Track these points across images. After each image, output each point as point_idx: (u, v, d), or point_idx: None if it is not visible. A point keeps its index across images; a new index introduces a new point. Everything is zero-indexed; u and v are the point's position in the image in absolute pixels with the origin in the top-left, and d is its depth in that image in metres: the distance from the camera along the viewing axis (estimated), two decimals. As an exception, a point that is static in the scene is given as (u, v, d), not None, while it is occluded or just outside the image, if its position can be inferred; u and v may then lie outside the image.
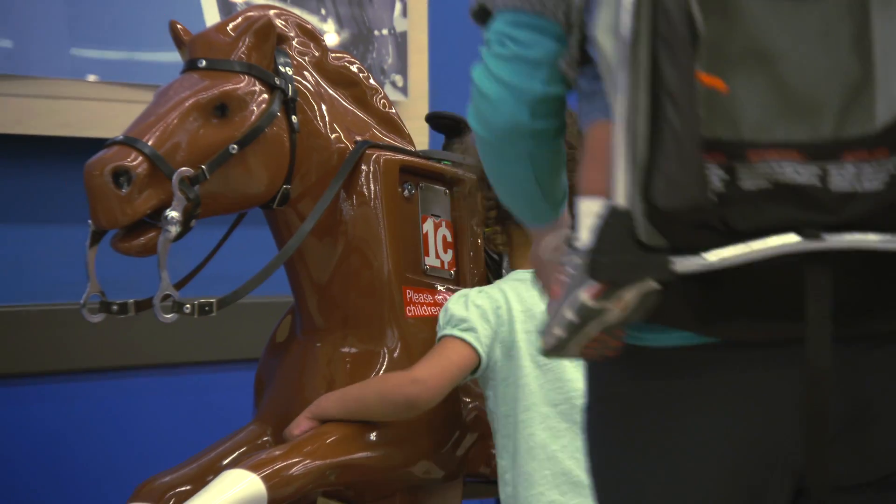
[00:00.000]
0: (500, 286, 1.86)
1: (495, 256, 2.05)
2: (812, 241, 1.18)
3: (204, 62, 1.78)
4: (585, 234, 1.21)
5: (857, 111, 1.18)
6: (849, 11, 1.17)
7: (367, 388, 1.83)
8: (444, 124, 2.17)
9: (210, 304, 1.75)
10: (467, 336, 1.80)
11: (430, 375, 1.79)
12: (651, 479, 1.32)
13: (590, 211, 1.22)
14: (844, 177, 1.18)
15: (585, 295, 1.18)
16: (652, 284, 1.18)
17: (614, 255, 1.17)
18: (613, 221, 1.16)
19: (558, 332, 1.23)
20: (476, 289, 1.87)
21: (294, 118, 1.81)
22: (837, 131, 1.17)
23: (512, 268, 1.93)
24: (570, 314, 1.21)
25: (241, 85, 1.77)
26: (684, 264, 1.16)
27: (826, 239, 1.18)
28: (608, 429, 1.35)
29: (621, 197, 1.15)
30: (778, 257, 1.17)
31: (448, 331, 1.81)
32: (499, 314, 1.82)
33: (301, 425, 1.79)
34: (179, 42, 1.85)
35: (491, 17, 1.36)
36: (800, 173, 1.17)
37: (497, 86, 1.33)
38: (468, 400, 1.93)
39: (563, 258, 1.27)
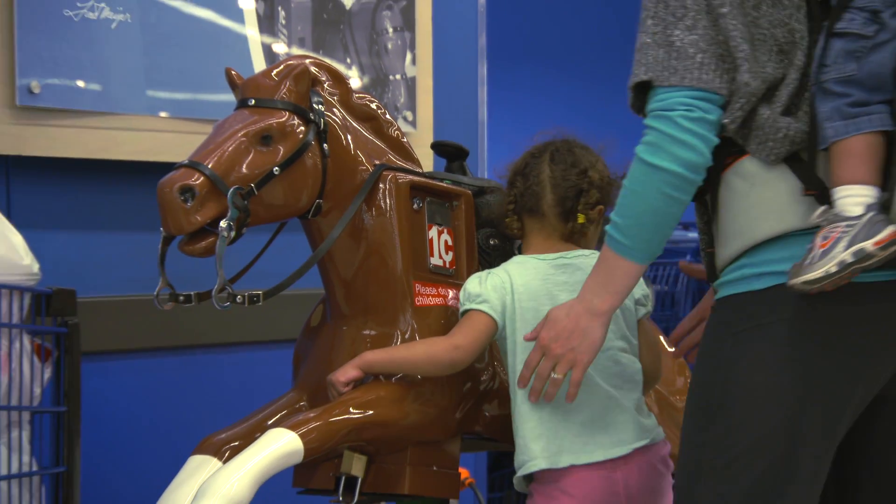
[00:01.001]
0: (505, 268, 1.87)
1: (486, 256, 2.05)
2: None
3: (253, 101, 1.79)
4: (857, 209, 1.43)
5: None
6: None
7: (416, 350, 1.83)
8: (446, 151, 2.17)
9: (258, 295, 1.75)
10: (484, 307, 1.81)
11: (467, 342, 1.80)
12: (846, 367, 1.51)
13: (858, 192, 1.44)
14: None
15: (871, 244, 1.40)
16: None
17: None
18: None
19: (832, 269, 1.41)
20: (486, 271, 1.88)
21: (325, 146, 1.81)
22: None
23: (524, 248, 1.92)
24: (850, 257, 1.40)
25: (283, 119, 1.76)
26: None
27: None
28: (802, 327, 1.51)
29: None
30: None
31: (469, 305, 1.82)
32: (504, 288, 1.83)
33: (348, 373, 1.78)
34: (233, 85, 1.85)
35: (651, 89, 1.54)
36: None
37: (692, 136, 1.51)
38: (464, 372, 1.92)
39: (832, 222, 1.44)
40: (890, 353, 1.52)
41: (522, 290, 1.83)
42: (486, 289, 1.82)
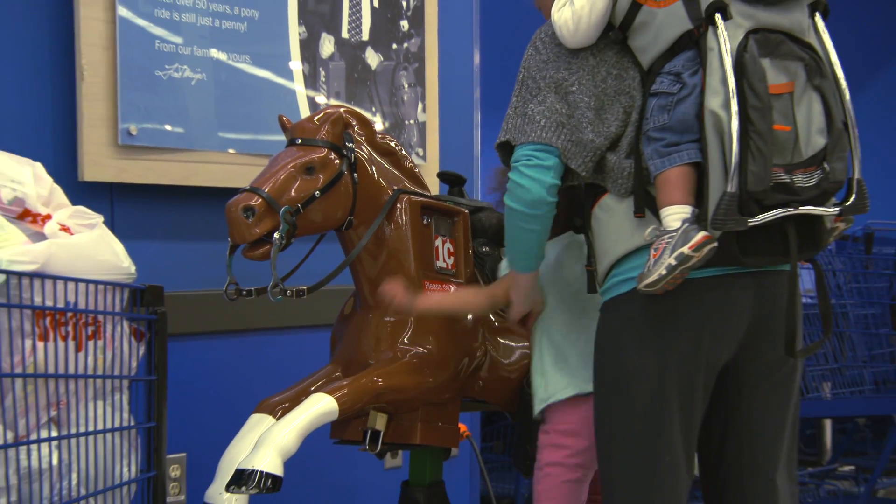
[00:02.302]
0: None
1: (480, 260, 2.04)
2: (796, 210, 1.46)
3: (300, 140, 1.78)
4: (676, 223, 1.45)
5: (799, 150, 1.46)
6: (799, 108, 1.47)
7: (465, 297, 1.87)
8: (449, 179, 2.16)
9: (303, 290, 1.75)
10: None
11: (501, 293, 1.82)
12: (686, 341, 1.53)
13: (677, 211, 1.46)
14: (801, 179, 1.46)
15: (687, 248, 1.41)
16: (715, 243, 1.42)
17: (726, 217, 1.41)
18: (728, 201, 1.41)
19: (662, 272, 1.43)
20: None
21: (355, 175, 1.80)
22: (794, 159, 1.46)
23: None
24: (673, 261, 1.42)
25: (323, 154, 1.76)
26: (749, 222, 1.42)
27: (800, 209, 1.46)
28: (655, 318, 1.53)
29: (732, 187, 1.40)
30: (776, 219, 1.45)
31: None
32: None
33: (409, 307, 1.78)
34: (284, 128, 1.84)
35: (513, 148, 1.60)
36: (783, 178, 1.44)
37: (529, 180, 1.56)
38: (462, 348, 1.91)
39: (659, 236, 1.46)
40: (723, 330, 1.54)
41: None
42: None
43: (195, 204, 2.30)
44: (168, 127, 2.22)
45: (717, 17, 1.43)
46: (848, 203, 1.50)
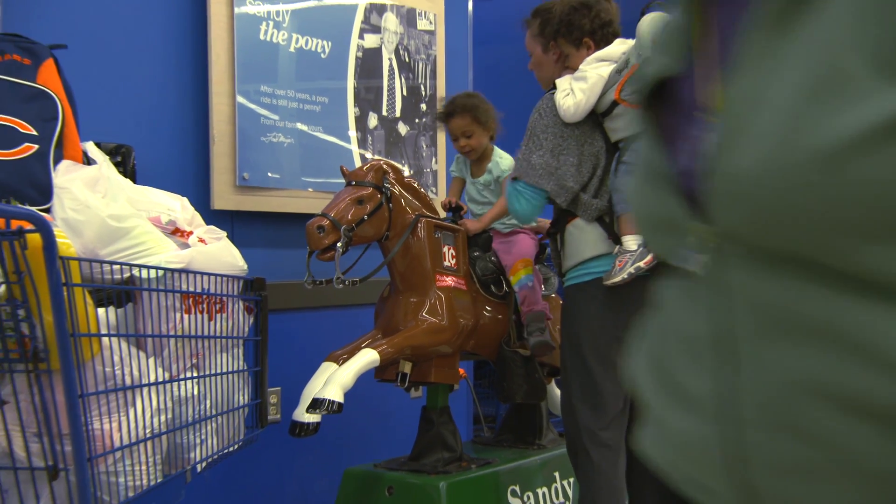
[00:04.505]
0: None
1: (472, 261, 2.03)
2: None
3: (353, 182, 1.79)
4: (634, 246, 1.54)
5: None
6: None
7: (496, 212, 1.93)
8: (451, 208, 2.16)
9: (356, 281, 1.76)
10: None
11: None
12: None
13: (634, 239, 1.55)
14: None
15: (643, 263, 1.51)
16: (657, 260, 1.48)
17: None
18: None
19: (625, 276, 1.52)
20: None
21: (390, 205, 1.81)
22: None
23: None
24: (633, 270, 1.52)
25: (369, 191, 1.77)
26: None
27: None
28: (611, 296, 1.58)
29: None
30: None
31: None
32: None
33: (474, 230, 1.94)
34: (343, 174, 1.85)
35: (518, 180, 1.65)
36: None
37: (524, 209, 1.67)
38: (461, 319, 1.91)
39: (622, 253, 1.55)
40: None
41: None
42: None
43: (286, 224, 2.31)
44: (269, 174, 2.23)
45: None
46: None
